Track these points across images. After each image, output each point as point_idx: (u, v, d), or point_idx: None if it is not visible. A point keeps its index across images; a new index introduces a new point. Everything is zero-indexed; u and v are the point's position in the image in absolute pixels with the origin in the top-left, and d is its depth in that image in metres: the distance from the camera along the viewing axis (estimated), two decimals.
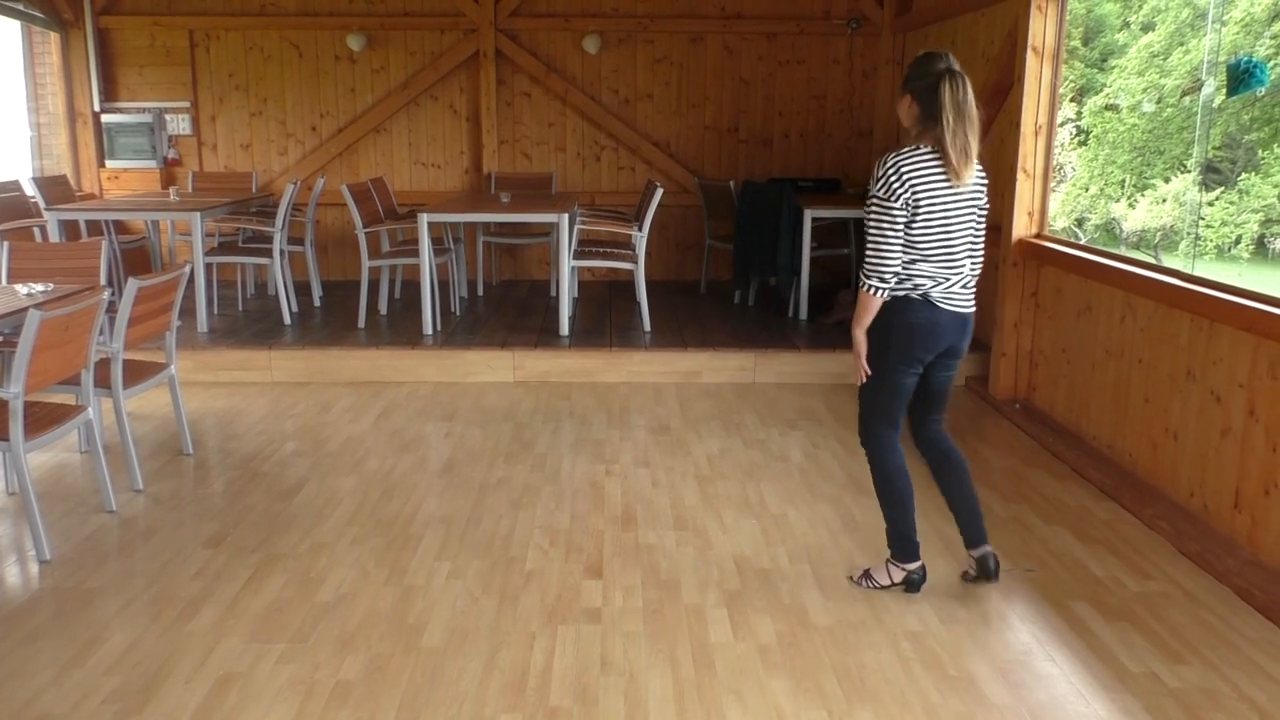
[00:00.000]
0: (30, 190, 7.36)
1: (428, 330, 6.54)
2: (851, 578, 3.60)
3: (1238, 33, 10.74)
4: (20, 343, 3.51)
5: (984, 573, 3.52)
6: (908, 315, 3.21)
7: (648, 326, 6.77)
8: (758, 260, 7.38)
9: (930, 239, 3.15)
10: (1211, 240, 11.67)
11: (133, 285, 4.14)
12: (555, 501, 4.30)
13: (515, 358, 6.21)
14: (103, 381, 4.21)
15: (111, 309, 4.25)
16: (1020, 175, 5.54)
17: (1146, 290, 4.45)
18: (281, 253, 7.00)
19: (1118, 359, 4.74)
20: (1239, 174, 12.12)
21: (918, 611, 3.36)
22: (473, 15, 8.37)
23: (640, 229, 6.72)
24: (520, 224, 8.12)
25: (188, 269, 4.68)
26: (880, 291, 3.18)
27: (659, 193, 6.68)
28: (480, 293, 8.17)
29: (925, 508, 4.24)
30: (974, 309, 3.34)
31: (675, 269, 8.93)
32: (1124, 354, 4.68)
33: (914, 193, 3.09)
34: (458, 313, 7.31)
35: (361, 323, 6.79)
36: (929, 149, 3.12)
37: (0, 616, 3.27)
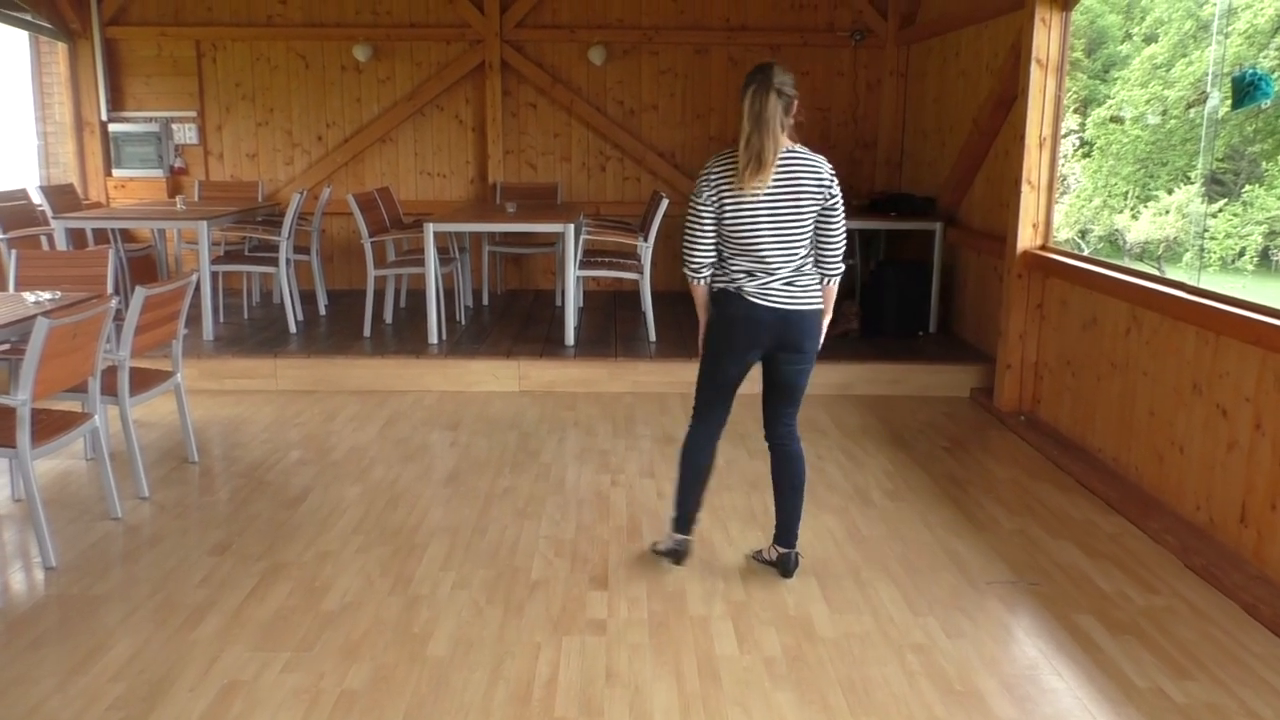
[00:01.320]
0: (38, 199, 7.39)
1: (433, 339, 6.55)
2: (651, 550, 3.82)
3: (1241, 45, 10.75)
4: (28, 350, 3.52)
5: (782, 568, 3.68)
6: (726, 308, 3.45)
7: (653, 336, 6.77)
8: None
9: (736, 237, 3.35)
10: (1216, 252, 11.66)
11: (140, 293, 4.15)
12: (560, 512, 4.30)
13: (520, 367, 6.22)
14: (109, 389, 4.22)
15: (118, 317, 4.26)
16: (1025, 187, 5.55)
17: (1152, 303, 4.45)
18: (287, 262, 7.02)
19: (1123, 371, 4.74)
20: (1242, 186, 12.12)
21: (923, 625, 3.35)
22: (478, 26, 8.41)
23: (645, 239, 6.73)
24: (526, 234, 8.14)
25: (195, 278, 4.69)
26: (695, 280, 3.51)
27: (664, 203, 6.69)
28: (485, 302, 8.18)
29: (931, 522, 4.24)
30: (806, 307, 3.44)
31: (680, 280, 8.91)
32: (1129, 366, 4.68)
33: (718, 192, 3.34)
34: (463, 322, 7.32)
35: (367, 332, 6.80)
36: (733, 151, 3.35)
37: (5, 623, 3.27)
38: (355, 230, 8.39)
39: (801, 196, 3.34)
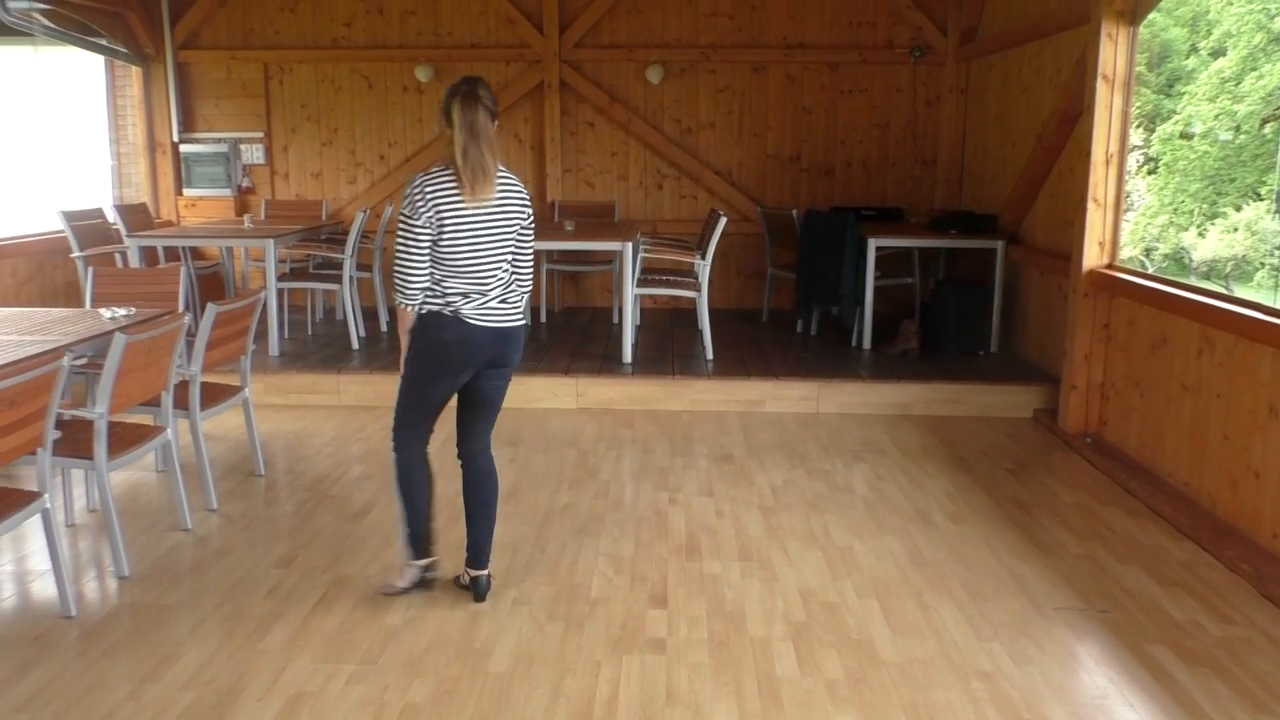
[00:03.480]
0: (112, 217, 7.62)
1: None
2: (383, 593, 3.63)
3: None
4: (106, 365, 3.63)
5: (475, 591, 3.60)
6: (442, 331, 3.34)
7: (710, 355, 6.77)
8: (821, 289, 7.35)
9: (457, 257, 3.28)
10: None
11: (212, 310, 4.25)
12: (619, 529, 4.30)
13: (578, 385, 6.25)
14: (181, 403, 4.32)
15: (190, 333, 4.37)
16: (1091, 205, 5.46)
17: (1225, 323, 4.34)
18: (350, 279, 7.14)
19: (1195, 394, 4.62)
20: None
21: (989, 650, 3.30)
22: (538, 47, 8.51)
23: (703, 257, 6.74)
24: (583, 252, 8.19)
25: (263, 295, 4.80)
26: (409, 306, 3.35)
27: (723, 221, 6.70)
28: (543, 319, 8.24)
29: (995, 545, 4.17)
30: (520, 323, 3.47)
31: (737, 297, 8.93)
32: (1201, 389, 4.57)
33: (437, 212, 3.24)
34: None
35: None
36: (447, 168, 3.28)
37: (81, 630, 3.36)
38: None
39: (511, 216, 3.37)
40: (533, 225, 3.48)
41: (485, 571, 3.62)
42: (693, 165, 8.69)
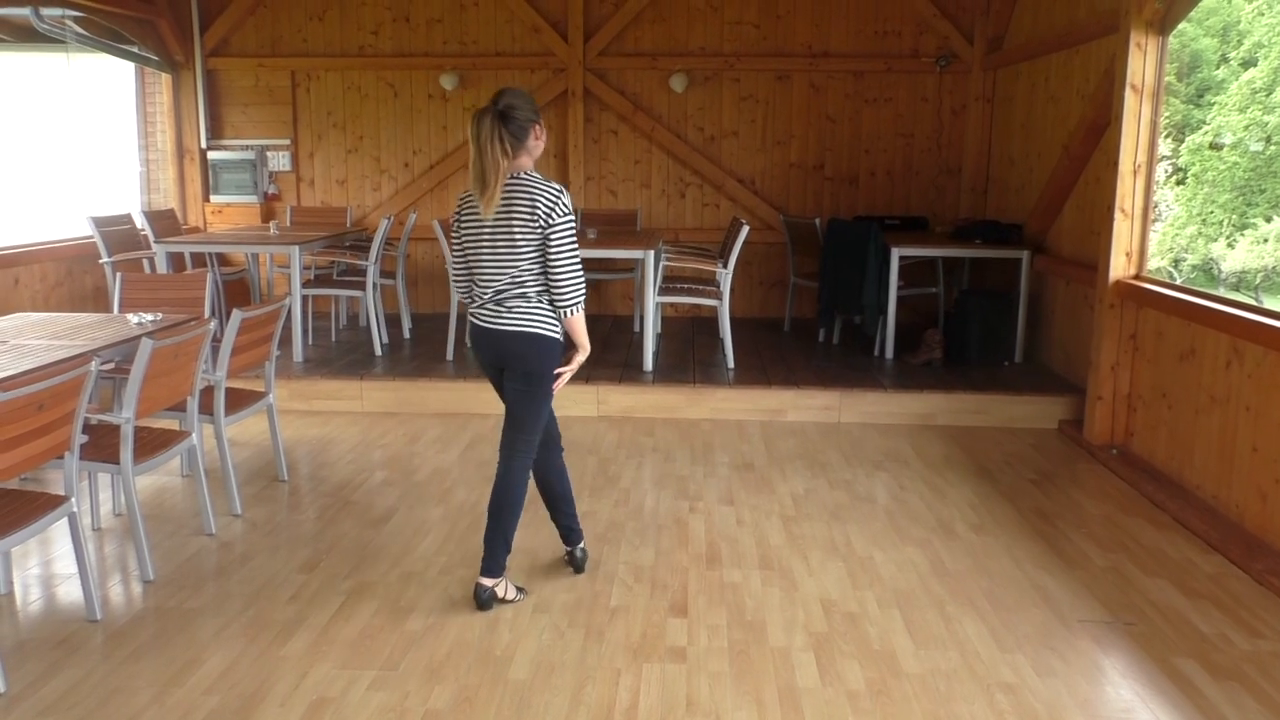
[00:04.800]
0: (140, 223, 7.70)
1: None
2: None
3: None
4: (133, 369, 3.66)
5: (480, 600, 3.60)
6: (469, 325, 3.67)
7: (731, 363, 6.75)
8: (843, 298, 7.33)
9: (468, 262, 3.54)
10: None
11: (237, 316, 4.29)
12: (639, 537, 4.30)
13: (599, 392, 6.25)
14: (206, 408, 4.36)
15: (216, 338, 4.40)
16: (1118, 215, 5.41)
17: (1255, 335, 4.29)
18: (374, 286, 7.18)
19: (1223, 405, 4.57)
20: None
21: (1012, 662, 3.26)
22: (562, 55, 8.54)
23: (725, 265, 6.73)
24: (605, 259, 8.19)
25: (287, 302, 4.83)
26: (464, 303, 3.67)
27: (745, 230, 6.69)
28: None
29: (1018, 556, 4.14)
30: (514, 329, 3.46)
31: (759, 306, 8.91)
32: (1230, 400, 4.51)
33: (459, 223, 3.54)
34: None
35: (449, 355, 6.92)
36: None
37: (107, 634, 3.39)
38: (439, 255, 8.59)
39: (514, 224, 3.39)
40: (556, 237, 3.38)
41: (484, 581, 3.60)
42: (715, 173, 8.69)
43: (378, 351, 7.08)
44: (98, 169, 8.68)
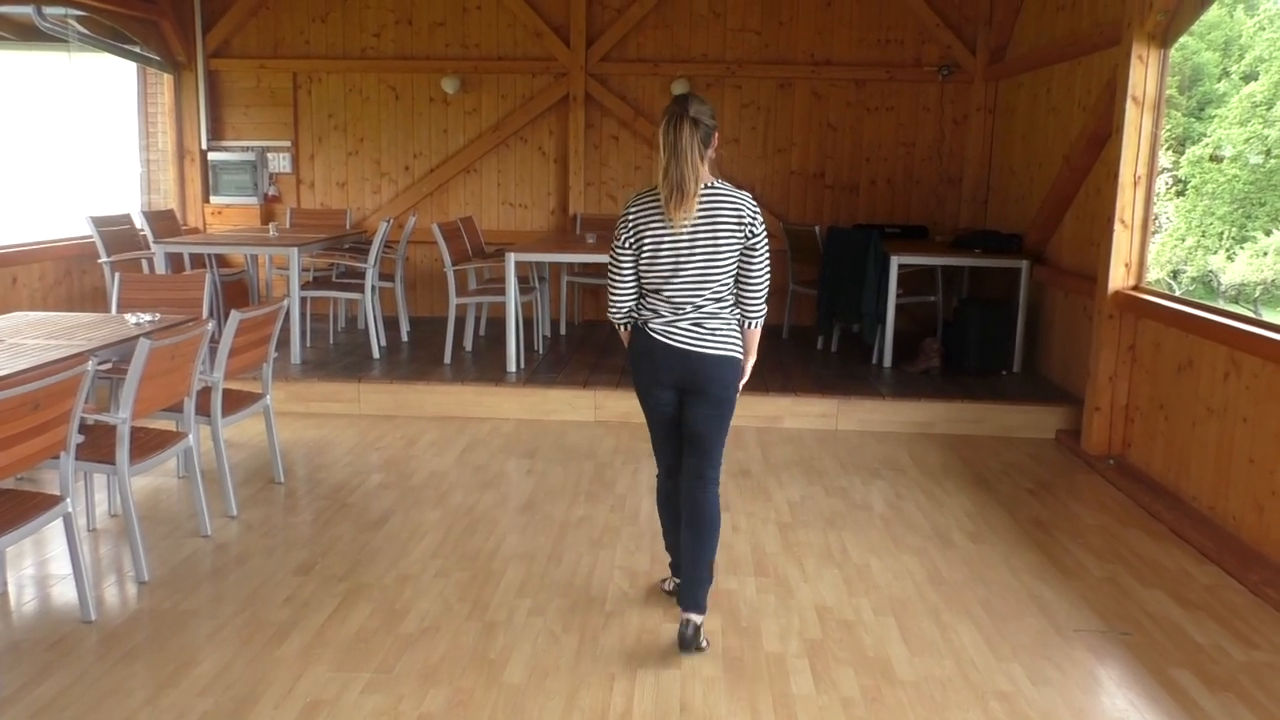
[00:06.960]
0: (140, 223, 7.70)
1: (511, 368, 6.62)
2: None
3: None
4: (130, 370, 3.66)
5: (679, 638, 3.34)
6: (634, 343, 3.40)
7: None
8: (842, 306, 7.33)
9: (653, 276, 3.28)
10: None
11: (235, 317, 4.29)
12: (635, 542, 4.29)
13: (596, 397, 6.25)
14: (203, 409, 4.35)
15: (214, 339, 4.40)
16: (1118, 226, 5.42)
17: (1253, 347, 4.29)
18: (372, 288, 7.18)
19: (1220, 417, 4.57)
20: None
21: (1007, 671, 3.26)
22: (564, 60, 8.55)
23: None
24: (605, 265, 8.19)
25: (286, 303, 4.83)
26: (619, 325, 3.44)
27: None
28: (563, 332, 8.25)
29: (1014, 566, 4.14)
30: (712, 351, 3.27)
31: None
32: (1227, 412, 4.52)
33: (637, 233, 3.26)
34: (541, 351, 7.39)
35: (447, 359, 6.91)
36: (656, 189, 3.23)
37: (101, 635, 3.38)
38: (438, 259, 8.55)
39: (720, 235, 3.20)
40: (759, 245, 3.24)
41: (692, 617, 3.32)
42: None
43: (375, 354, 7.07)
44: (98, 169, 8.68)
